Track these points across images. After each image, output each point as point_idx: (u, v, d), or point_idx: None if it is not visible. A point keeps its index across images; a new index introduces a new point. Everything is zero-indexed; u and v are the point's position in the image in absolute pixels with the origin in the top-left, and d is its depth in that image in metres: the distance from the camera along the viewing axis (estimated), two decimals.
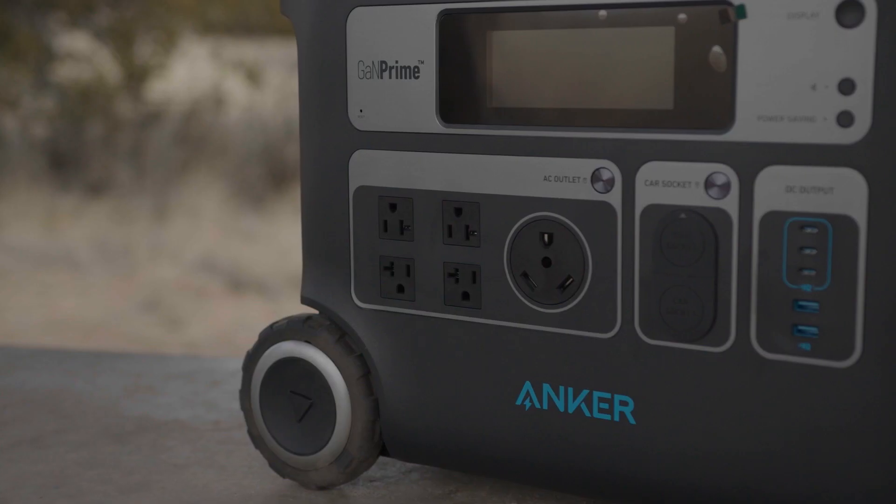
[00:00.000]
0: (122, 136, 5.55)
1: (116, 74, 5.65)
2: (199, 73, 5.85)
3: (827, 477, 0.43)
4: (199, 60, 5.87)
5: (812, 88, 0.41)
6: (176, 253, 3.99)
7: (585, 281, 0.47)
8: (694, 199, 0.44)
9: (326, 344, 0.53)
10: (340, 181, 0.52)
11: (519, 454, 0.49)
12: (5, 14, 5.35)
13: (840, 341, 0.42)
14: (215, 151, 5.34)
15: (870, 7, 0.40)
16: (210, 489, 0.55)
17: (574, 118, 0.46)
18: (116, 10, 5.74)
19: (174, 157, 5.32)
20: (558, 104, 0.46)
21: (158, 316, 3.36)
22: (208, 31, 5.82)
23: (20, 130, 5.55)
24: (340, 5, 0.51)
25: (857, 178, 0.41)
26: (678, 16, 0.43)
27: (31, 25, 5.58)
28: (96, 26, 5.72)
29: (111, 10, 5.76)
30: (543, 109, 0.47)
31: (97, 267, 3.89)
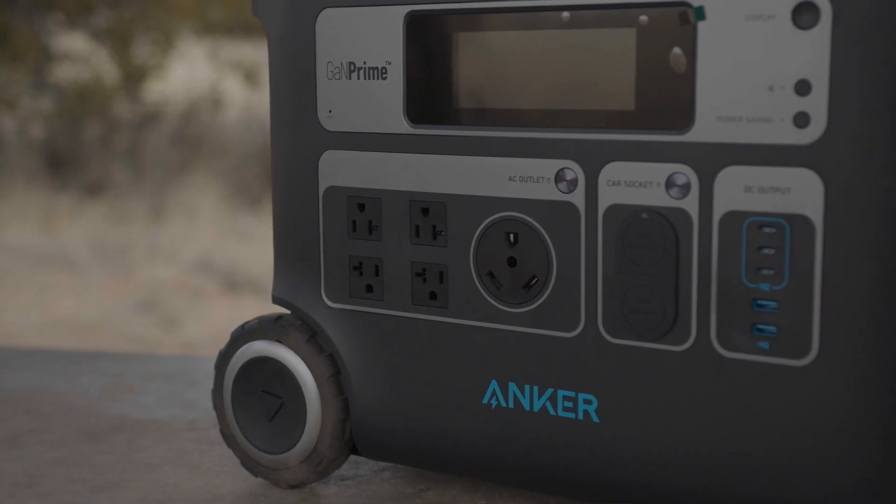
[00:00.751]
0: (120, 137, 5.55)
1: (114, 75, 5.66)
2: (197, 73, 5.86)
3: (787, 475, 0.43)
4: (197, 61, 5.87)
5: (769, 89, 0.42)
6: (173, 253, 4.00)
7: (550, 280, 0.47)
8: (655, 199, 0.44)
9: (297, 343, 0.53)
10: (310, 181, 0.52)
11: (486, 453, 0.50)
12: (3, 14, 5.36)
13: (797, 340, 0.42)
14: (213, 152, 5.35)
15: (825, 9, 0.40)
16: (181, 488, 0.55)
17: (538, 119, 0.47)
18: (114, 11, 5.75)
19: (172, 157, 5.33)
20: (523, 105, 0.47)
21: (155, 316, 3.37)
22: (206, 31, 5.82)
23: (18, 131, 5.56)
24: (310, 7, 0.51)
25: (814, 178, 0.41)
26: (639, 17, 0.44)
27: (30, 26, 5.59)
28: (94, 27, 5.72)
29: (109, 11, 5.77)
30: (508, 110, 0.47)
31: (94, 267, 3.90)
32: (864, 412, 0.41)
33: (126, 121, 5.67)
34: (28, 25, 5.60)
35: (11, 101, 5.52)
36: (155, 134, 5.65)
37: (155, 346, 2.97)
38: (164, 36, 5.67)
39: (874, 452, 0.41)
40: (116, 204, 4.73)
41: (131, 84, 5.70)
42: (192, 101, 5.74)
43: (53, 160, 5.28)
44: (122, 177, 5.14)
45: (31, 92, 5.52)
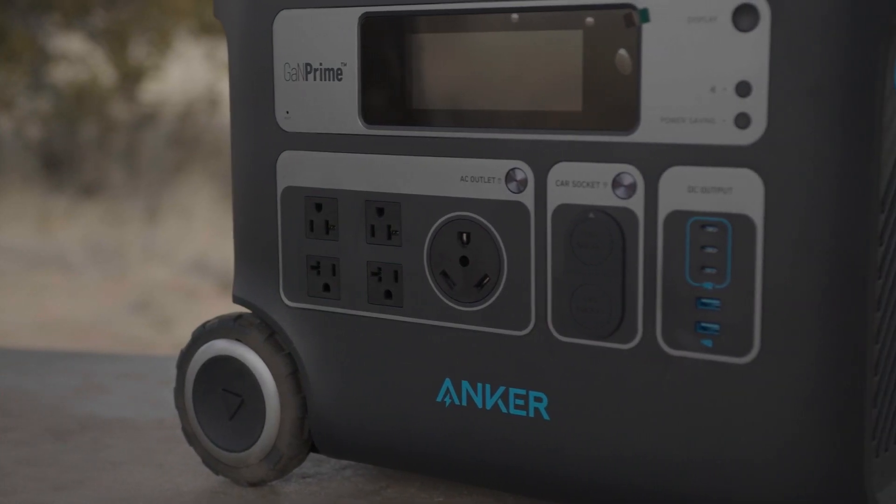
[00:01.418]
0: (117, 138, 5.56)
1: (111, 76, 5.66)
2: (194, 74, 5.86)
3: (731, 471, 0.43)
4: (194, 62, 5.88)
5: (711, 91, 0.42)
6: (168, 254, 4.00)
7: (501, 279, 0.48)
8: (602, 199, 0.45)
9: (256, 342, 0.54)
10: (268, 182, 0.53)
11: (440, 450, 0.50)
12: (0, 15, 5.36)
13: (739, 338, 0.43)
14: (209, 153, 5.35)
15: (764, 11, 0.41)
16: (143, 486, 0.55)
17: (489, 119, 0.47)
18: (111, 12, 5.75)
19: (168, 158, 5.33)
20: (474, 106, 0.47)
21: (150, 317, 3.37)
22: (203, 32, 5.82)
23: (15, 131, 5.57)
24: (267, 8, 0.52)
25: (754, 178, 0.42)
26: (586, 19, 0.44)
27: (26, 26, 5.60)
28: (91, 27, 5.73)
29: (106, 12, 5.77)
30: (460, 111, 0.48)
31: (89, 268, 3.90)
32: (805, 409, 0.42)
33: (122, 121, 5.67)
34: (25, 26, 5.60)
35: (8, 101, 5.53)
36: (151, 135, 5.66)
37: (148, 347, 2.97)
38: (161, 37, 5.67)
39: (814, 449, 0.42)
40: (112, 204, 4.73)
41: (128, 85, 5.70)
42: (188, 101, 5.75)
43: (50, 161, 5.28)
44: (118, 177, 5.15)
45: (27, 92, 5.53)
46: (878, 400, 0.43)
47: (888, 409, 0.44)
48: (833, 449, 0.42)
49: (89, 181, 5.08)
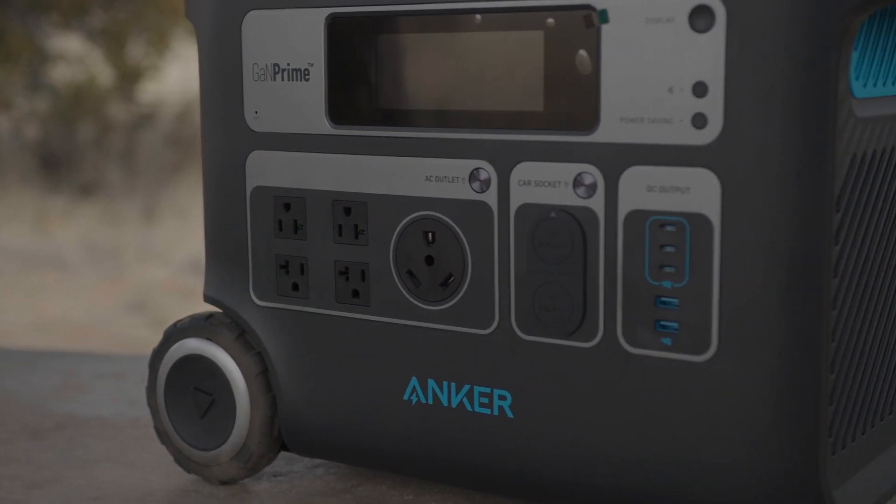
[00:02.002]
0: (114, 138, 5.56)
1: (109, 76, 5.67)
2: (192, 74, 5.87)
3: (689, 469, 0.44)
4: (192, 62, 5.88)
5: (669, 91, 0.42)
6: (165, 254, 4.01)
7: (465, 278, 0.48)
8: (563, 199, 0.45)
9: (227, 341, 0.54)
10: (238, 181, 0.53)
11: (408, 448, 0.51)
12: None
13: (697, 336, 0.43)
14: None
15: (719, 12, 0.41)
16: (115, 484, 0.56)
17: (453, 119, 0.47)
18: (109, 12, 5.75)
19: (165, 158, 5.34)
20: (438, 106, 0.48)
21: (147, 317, 3.38)
22: None
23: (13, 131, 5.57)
24: (236, 9, 0.52)
25: (711, 177, 0.42)
26: (547, 20, 0.45)
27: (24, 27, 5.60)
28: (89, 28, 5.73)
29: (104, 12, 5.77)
30: (425, 111, 0.48)
31: (86, 268, 3.90)
32: (761, 407, 0.42)
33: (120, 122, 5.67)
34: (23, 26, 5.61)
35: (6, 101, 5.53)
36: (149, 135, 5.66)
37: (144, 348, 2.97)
38: (159, 37, 5.67)
39: (771, 446, 0.42)
40: (109, 205, 4.74)
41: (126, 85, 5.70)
42: (186, 102, 5.75)
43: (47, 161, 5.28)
44: (116, 178, 5.15)
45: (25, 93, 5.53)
46: (834, 398, 0.43)
47: (845, 407, 0.44)
48: (789, 446, 0.42)
49: (87, 181, 5.08)
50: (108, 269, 3.91)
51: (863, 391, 0.45)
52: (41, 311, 3.43)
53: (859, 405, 0.45)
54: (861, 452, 0.46)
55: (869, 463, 0.46)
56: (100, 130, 5.55)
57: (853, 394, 0.44)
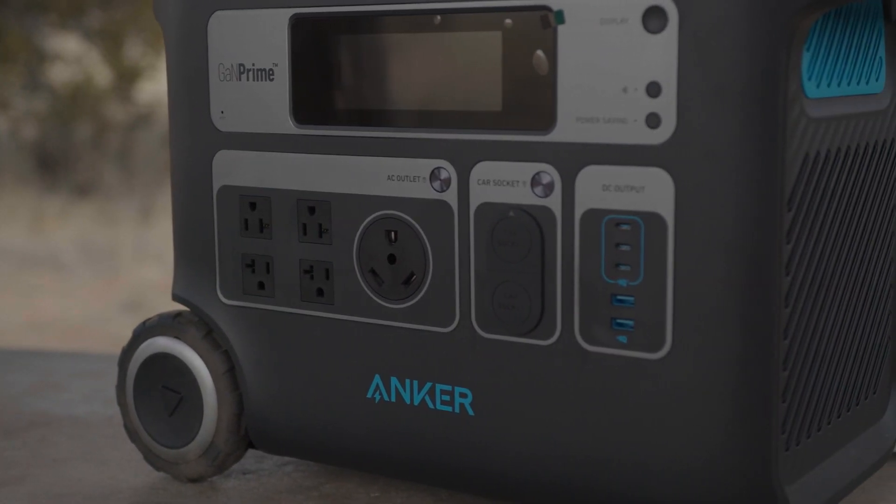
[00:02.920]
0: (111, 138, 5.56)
1: (106, 76, 5.67)
2: None
3: (644, 465, 0.44)
4: None
5: (623, 91, 0.43)
6: (161, 254, 4.01)
7: (427, 277, 0.48)
8: (521, 198, 0.46)
9: (194, 340, 0.55)
10: (205, 181, 0.54)
11: (371, 446, 0.51)
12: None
13: (652, 334, 0.43)
14: None
15: (672, 13, 0.41)
16: (83, 482, 0.56)
17: (414, 119, 0.48)
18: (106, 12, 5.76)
19: (162, 158, 5.34)
20: (399, 106, 0.48)
21: (142, 317, 3.38)
22: None
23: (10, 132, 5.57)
24: (202, 9, 0.52)
25: (665, 177, 0.42)
26: (505, 21, 0.45)
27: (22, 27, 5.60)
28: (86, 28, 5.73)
29: (101, 12, 5.78)
30: (386, 111, 0.48)
31: (82, 268, 3.91)
32: (714, 403, 0.43)
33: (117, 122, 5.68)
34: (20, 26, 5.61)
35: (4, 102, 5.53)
36: (146, 135, 5.66)
37: None
38: (156, 37, 5.67)
39: (723, 442, 0.43)
40: (106, 205, 4.74)
41: (123, 85, 5.71)
42: None
43: (44, 161, 5.29)
44: (113, 178, 5.16)
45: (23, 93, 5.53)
46: (787, 395, 0.43)
47: (799, 405, 0.44)
48: (741, 442, 0.42)
49: (83, 181, 5.09)
50: (104, 269, 3.91)
51: (817, 389, 0.45)
52: (37, 311, 3.43)
53: (814, 403, 0.45)
54: (816, 450, 0.46)
55: (824, 460, 0.47)
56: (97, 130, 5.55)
57: (807, 391, 0.45)
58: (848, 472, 0.47)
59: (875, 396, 0.51)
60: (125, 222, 4.49)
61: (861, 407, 0.50)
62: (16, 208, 4.68)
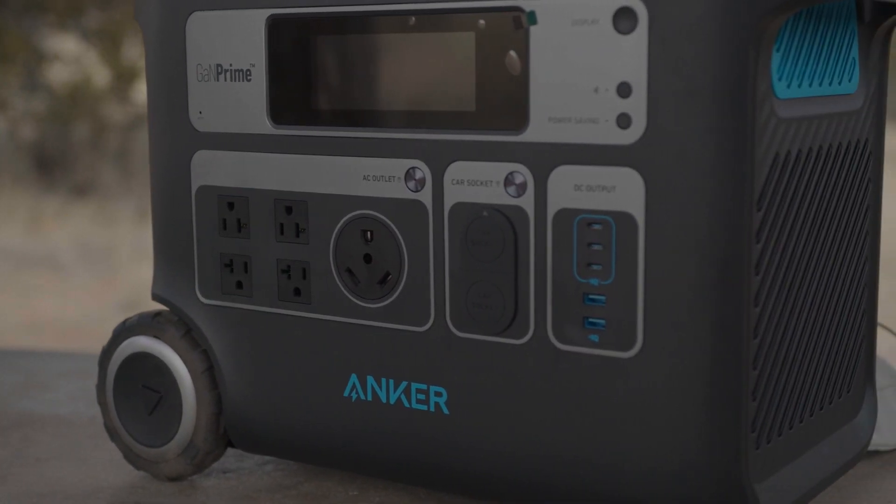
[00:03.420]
0: (109, 138, 5.56)
1: (104, 76, 5.67)
2: None
3: (616, 463, 0.44)
4: None
5: (595, 91, 0.43)
6: None
7: (402, 276, 0.48)
8: (495, 198, 0.46)
9: (173, 339, 0.55)
10: (183, 181, 0.54)
11: (348, 444, 0.51)
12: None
13: (623, 333, 0.44)
14: None
15: (641, 14, 0.42)
16: (64, 481, 0.56)
17: (389, 119, 0.48)
18: (104, 13, 5.76)
19: None
20: (374, 106, 0.48)
21: None
22: None
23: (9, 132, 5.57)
24: (180, 10, 0.53)
25: (636, 176, 0.43)
26: (478, 22, 0.45)
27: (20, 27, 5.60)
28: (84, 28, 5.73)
29: (99, 13, 5.78)
30: (361, 111, 0.49)
31: (79, 268, 3.91)
32: (684, 402, 0.43)
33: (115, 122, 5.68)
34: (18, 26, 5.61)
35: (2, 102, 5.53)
36: (143, 135, 5.66)
37: None
38: None
39: (693, 440, 0.43)
40: (104, 205, 4.74)
41: (121, 85, 5.70)
42: None
43: (42, 161, 5.29)
44: (111, 178, 5.16)
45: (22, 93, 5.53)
46: (757, 394, 0.43)
47: (769, 403, 0.45)
48: (711, 441, 0.43)
49: (81, 181, 5.09)
50: (102, 269, 3.91)
51: (788, 388, 0.46)
52: (33, 311, 3.43)
53: (785, 401, 0.46)
54: (788, 448, 0.46)
55: (797, 459, 0.47)
56: (95, 131, 5.55)
57: (777, 390, 0.45)
58: (820, 471, 0.48)
59: (849, 395, 0.51)
60: (123, 222, 4.49)
61: (835, 405, 0.50)
62: (14, 208, 4.68)
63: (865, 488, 0.54)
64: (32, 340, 3.05)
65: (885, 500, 0.53)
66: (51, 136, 5.45)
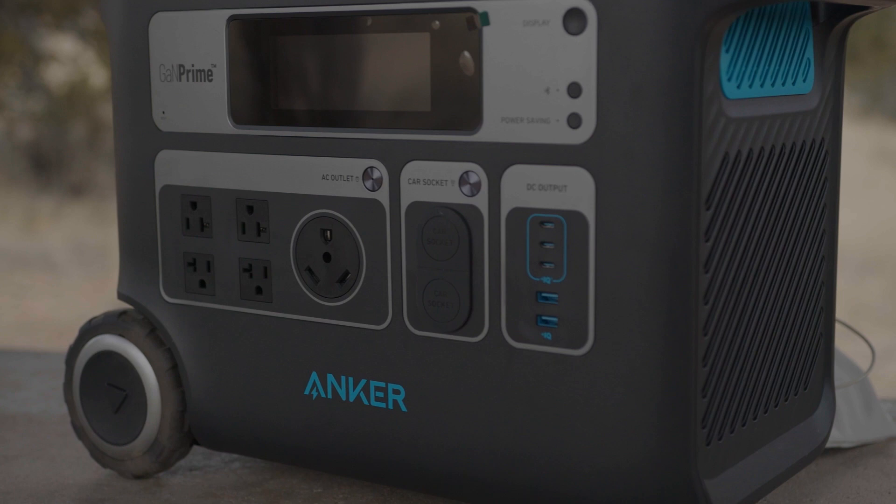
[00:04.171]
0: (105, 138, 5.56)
1: (101, 76, 5.67)
2: None
3: (567, 460, 0.45)
4: None
5: (546, 92, 0.43)
6: None
7: (361, 275, 0.49)
8: (450, 197, 0.46)
9: (138, 338, 0.55)
10: (147, 180, 0.54)
11: (310, 442, 0.52)
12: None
13: (575, 331, 0.44)
14: None
15: (591, 15, 0.42)
16: (29, 480, 0.57)
17: (347, 119, 0.48)
18: None
19: None
20: (333, 106, 0.49)
21: None
22: None
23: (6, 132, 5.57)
24: (143, 11, 0.53)
25: (586, 176, 0.43)
26: (433, 23, 0.46)
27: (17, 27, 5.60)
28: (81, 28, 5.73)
29: (96, 13, 5.78)
30: (320, 111, 0.49)
31: (73, 268, 3.91)
32: (634, 398, 0.43)
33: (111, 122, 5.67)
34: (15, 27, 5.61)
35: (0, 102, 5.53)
36: None
37: None
38: None
39: (643, 436, 0.43)
40: (99, 205, 4.74)
41: None
42: None
43: (38, 161, 5.29)
44: (106, 178, 5.16)
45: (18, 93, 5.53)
46: (707, 390, 0.44)
47: (720, 400, 0.45)
48: (661, 437, 0.43)
49: (77, 181, 5.09)
50: (96, 269, 3.91)
51: (741, 384, 0.46)
52: (26, 311, 3.43)
53: (737, 398, 0.46)
54: (740, 445, 0.47)
55: (749, 455, 0.47)
56: (91, 131, 5.55)
57: (729, 387, 0.45)
58: (775, 467, 0.48)
59: (807, 392, 0.51)
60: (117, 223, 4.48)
61: (791, 402, 0.50)
62: (8, 208, 4.68)
63: (826, 484, 0.55)
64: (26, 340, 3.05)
65: (845, 496, 0.53)
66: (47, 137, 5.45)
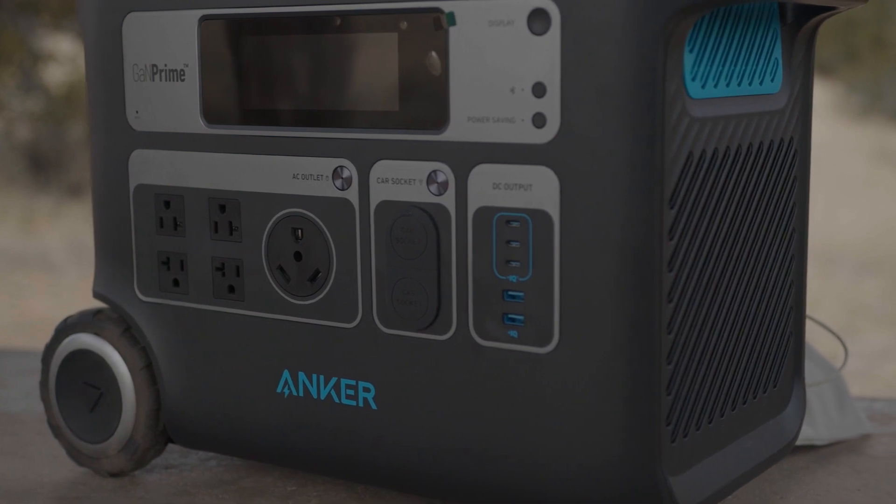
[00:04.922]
0: None
1: None
2: None
3: (534, 458, 0.45)
4: None
5: (511, 91, 0.44)
6: None
7: (331, 273, 0.49)
8: (418, 196, 0.46)
9: (113, 336, 0.55)
10: (122, 180, 0.54)
11: (282, 440, 0.52)
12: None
13: (540, 329, 0.44)
14: None
15: (554, 15, 0.42)
16: (5, 478, 0.57)
17: (317, 119, 0.49)
18: None
19: None
20: (303, 106, 0.49)
21: None
22: None
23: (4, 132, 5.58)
24: (116, 10, 0.53)
25: (550, 175, 0.43)
26: (401, 23, 0.46)
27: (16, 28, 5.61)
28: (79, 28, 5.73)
29: None
30: (290, 111, 0.49)
31: (71, 267, 3.91)
32: (599, 396, 0.43)
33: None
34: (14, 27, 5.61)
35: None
36: None
37: None
38: None
39: (608, 434, 0.43)
40: None
41: None
42: None
43: (37, 161, 5.29)
44: None
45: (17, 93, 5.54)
46: (672, 388, 0.44)
47: (686, 397, 0.45)
48: (625, 434, 0.43)
49: (75, 181, 5.10)
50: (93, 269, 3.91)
51: (707, 382, 0.46)
52: (24, 311, 3.43)
53: (703, 395, 0.46)
54: (707, 442, 0.47)
55: (716, 452, 0.47)
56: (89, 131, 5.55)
57: (695, 384, 0.45)
58: (742, 464, 0.48)
59: (776, 390, 0.52)
60: None
61: (760, 400, 0.50)
62: (7, 208, 4.68)
63: (797, 482, 0.55)
64: (24, 340, 3.05)
65: (816, 493, 0.53)
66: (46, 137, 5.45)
